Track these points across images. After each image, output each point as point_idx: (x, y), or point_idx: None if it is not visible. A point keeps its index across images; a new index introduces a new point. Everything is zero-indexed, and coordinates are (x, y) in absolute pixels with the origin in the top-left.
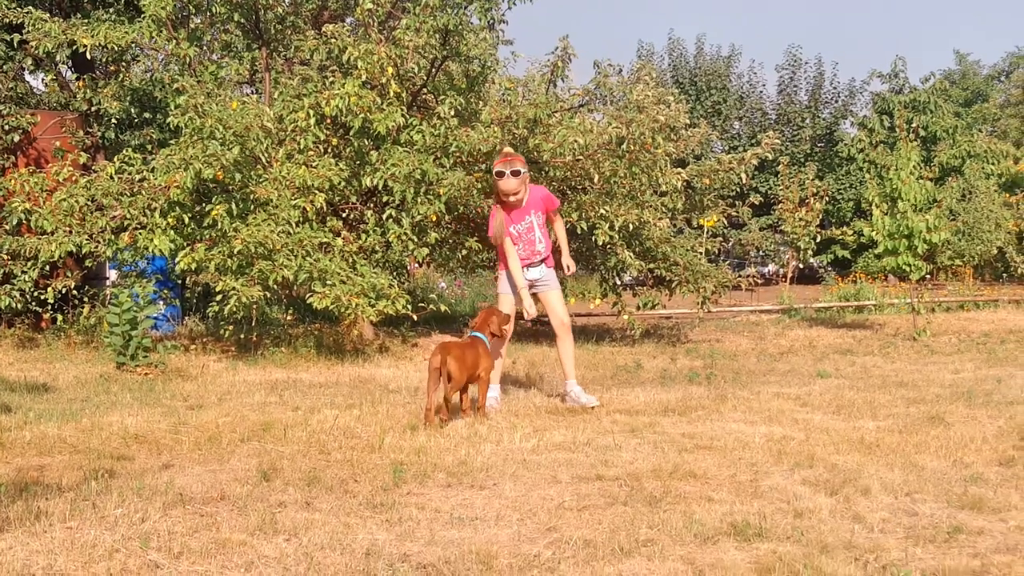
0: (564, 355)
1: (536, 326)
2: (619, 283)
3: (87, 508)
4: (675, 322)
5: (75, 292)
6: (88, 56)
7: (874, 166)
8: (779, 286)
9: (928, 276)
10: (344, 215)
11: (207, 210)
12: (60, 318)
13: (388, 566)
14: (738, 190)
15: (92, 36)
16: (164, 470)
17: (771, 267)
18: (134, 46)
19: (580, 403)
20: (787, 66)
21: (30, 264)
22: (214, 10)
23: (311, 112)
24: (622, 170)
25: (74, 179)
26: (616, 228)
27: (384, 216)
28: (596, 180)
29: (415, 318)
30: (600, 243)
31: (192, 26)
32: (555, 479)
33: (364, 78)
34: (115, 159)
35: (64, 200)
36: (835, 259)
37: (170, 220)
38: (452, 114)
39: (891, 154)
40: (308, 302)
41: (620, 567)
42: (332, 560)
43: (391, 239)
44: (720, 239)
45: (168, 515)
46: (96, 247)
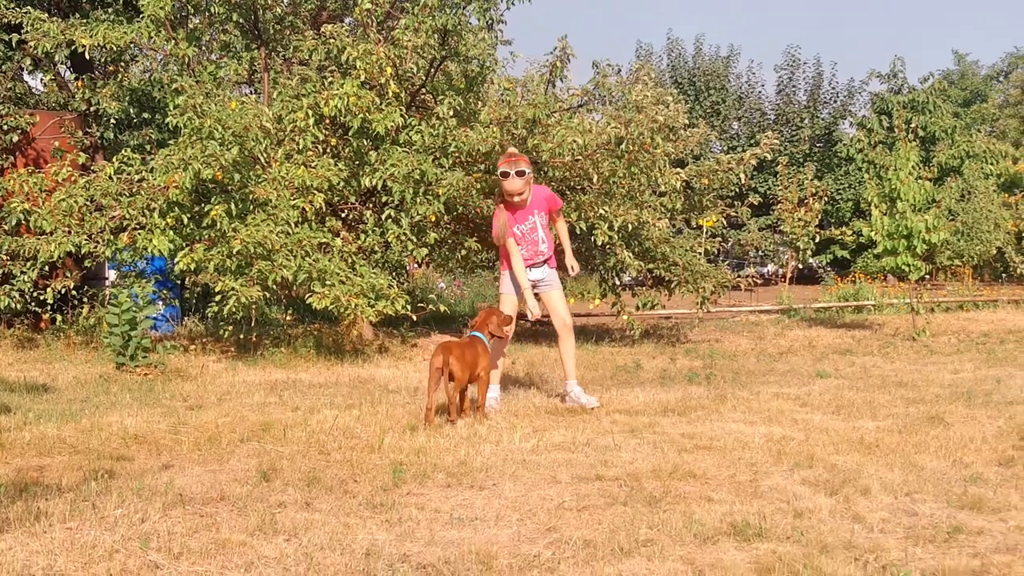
0: (565, 355)
1: (536, 326)
2: (618, 283)
3: (87, 509)
4: (674, 322)
5: (74, 292)
6: (87, 56)
7: (873, 166)
8: (778, 286)
9: (927, 276)
10: (343, 215)
11: (206, 210)
12: (59, 318)
13: (388, 566)
14: (737, 190)
15: (91, 36)
16: (164, 470)
17: (770, 267)
18: (133, 46)
19: (580, 404)
20: (786, 66)
21: (29, 264)
22: (213, 10)
23: (310, 112)
24: (621, 170)
25: (73, 179)
26: (615, 228)
27: (383, 216)
28: (595, 180)
29: (414, 318)
30: (599, 243)
31: (191, 26)
32: (555, 479)
33: (363, 78)
34: (114, 159)
35: (63, 200)
36: (834, 259)
37: (169, 220)
38: (451, 114)
39: (890, 154)
40: (307, 302)
41: (620, 567)
42: (332, 560)
43: (390, 239)
44: (719, 239)
45: (168, 515)
46: (95, 247)
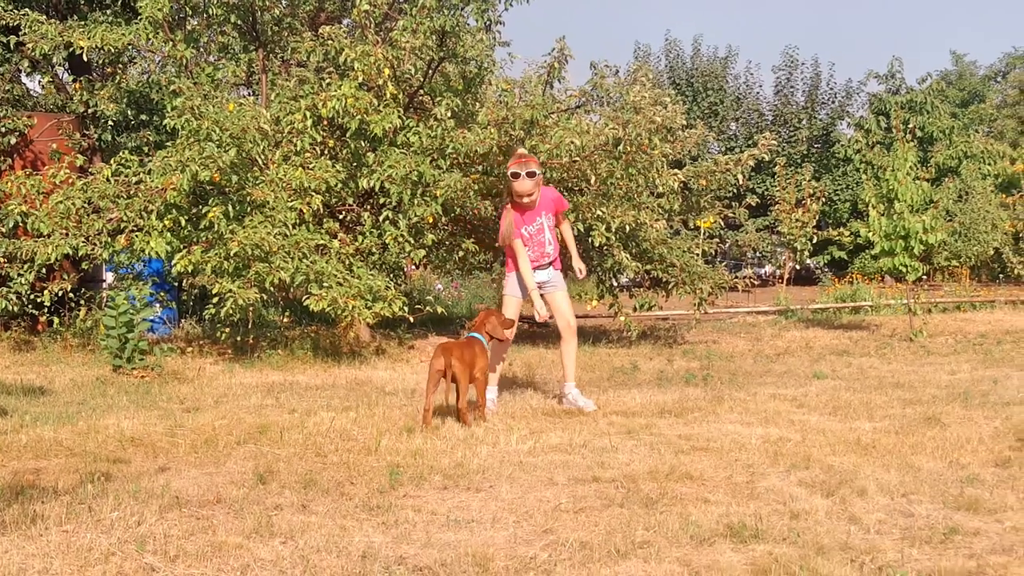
0: (566, 357)
1: (536, 328)
2: (616, 284)
3: (83, 511)
4: (672, 323)
5: (71, 295)
6: (85, 58)
7: (871, 167)
8: (776, 287)
9: (924, 277)
10: (341, 217)
11: (204, 212)
12: (56, 321)
13: (384, 569)
14: (735, 191)
15: (89, 38)
16: (160, 473)
17: (768, 268)
18: (131, 48)
19: (577, 406)
20: (784, 67)
21: (26, 267)
22: (211, 12)
23: (308, 114)
24: (619, 171)
25: (70, 181)
26: (613, 229)
27: (381, 218)
28: (593, 181)
29: (412, 320)
30: (597, 244)
31: (189, 28)
32: (551, 481)
33: (361, 80)
34: (112, 161)
35: (61, 202)
36: (832, 260)
37: (167, 222)
38: (449, 115)
39: (888, 155)
40: (305, 304)
41: (616, 569)
42: (328, 563)
43: (388, 241)
44: (717, 240)
45: (164, 518)
46: (92, 249)
